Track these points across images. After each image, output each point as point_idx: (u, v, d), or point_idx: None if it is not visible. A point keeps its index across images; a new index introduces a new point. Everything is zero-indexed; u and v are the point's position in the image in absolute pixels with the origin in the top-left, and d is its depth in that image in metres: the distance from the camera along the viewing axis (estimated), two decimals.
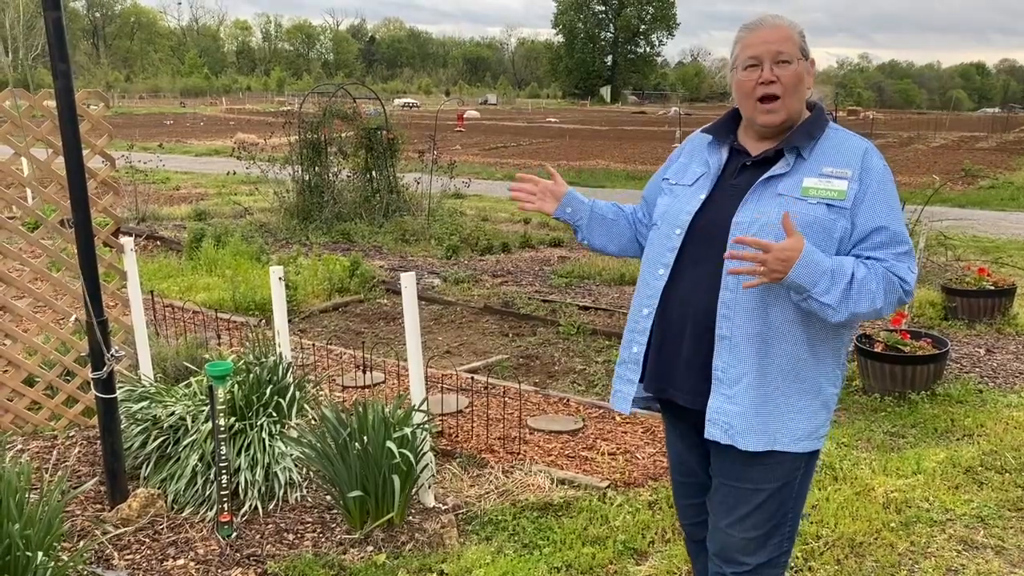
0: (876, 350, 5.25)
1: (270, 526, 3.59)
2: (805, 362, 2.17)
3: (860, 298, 2.05)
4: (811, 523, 3.63)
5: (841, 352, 2.25)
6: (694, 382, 2.25)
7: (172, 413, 3.88)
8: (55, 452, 4.25)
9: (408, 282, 3.60)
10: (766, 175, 2.16)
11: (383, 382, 5.38)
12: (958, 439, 4.63)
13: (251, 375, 3.99)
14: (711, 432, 2.22)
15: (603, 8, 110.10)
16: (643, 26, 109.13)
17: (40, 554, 2.82)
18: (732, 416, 2.18)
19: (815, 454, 2.30)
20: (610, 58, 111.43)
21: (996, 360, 6.07)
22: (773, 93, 2.14)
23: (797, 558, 3.36)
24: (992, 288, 6.94)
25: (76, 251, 3.43)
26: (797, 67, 2.14)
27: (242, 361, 4.13)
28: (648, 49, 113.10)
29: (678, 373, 2.28)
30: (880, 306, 2.08)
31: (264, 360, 4.12)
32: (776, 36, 2.15)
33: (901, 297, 2.11)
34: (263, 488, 3.69)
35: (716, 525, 2.35)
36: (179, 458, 3.75)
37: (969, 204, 15.72)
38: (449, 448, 4.36)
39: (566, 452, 4.41)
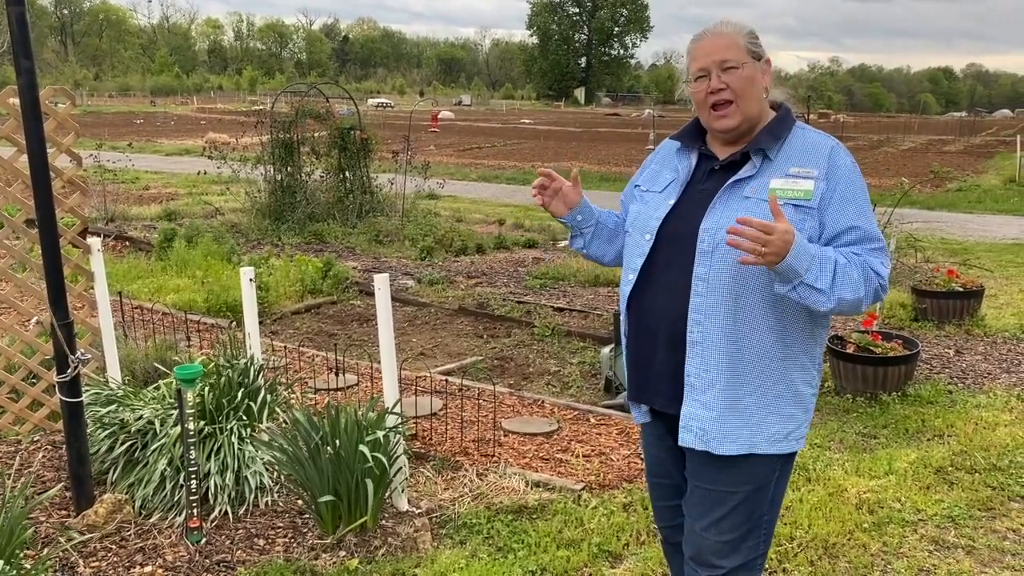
0: (848, 351, 5.28)
1: (240, 531, 3.54)
2: (778, 364, 2.17)
3: (845, 285, 2.03)
4: (784, 524, 3.64)
5: (816, 352, 2.25)
6: (669, 387, 2.25)
7: (140, 417, 3.81)
8: (19, 457, 4.16)
9: (382, 283, 3.56)
10: (733, 178, 2.17)
11: (356, 384, 5.33)
12: (929, 439, 4.67)
13: (221, 378, 3.93)
14: (685, 439, 2.22)
15: (577, 10, 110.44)
16: (617, 28, 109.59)
17: (1, 562, 2.75)
18: (706, 421, 2.18)
19: (791, 456, 2.30)
20: (584, 60, 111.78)
21: (965, 361, 6.14)
22: (724, 99, 2.15)
23: (771, 559, 3.37)
24: (961, 290, 7.03)
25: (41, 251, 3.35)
26: (744, 71, 2.15)
27: (212, 364, 4.06)
28: (622, 51, 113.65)
29: (653, 378, 2.29)
30: (862, 295, 2.06)
31: (235, 363, 4.06)
32: (720, 44, 2.16)
33: (877, 290, 2.10)
34: (233, 493, 3.63)
35: (691, 528, 2.35)
36: (147, 463, 3.68)
37: (937, 206, 15.95)
38: (423, 451, 4.33)
39: (540, 454, 4.39)
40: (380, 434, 3.49)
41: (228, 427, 3.75)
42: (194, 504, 3.43)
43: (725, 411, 2.16)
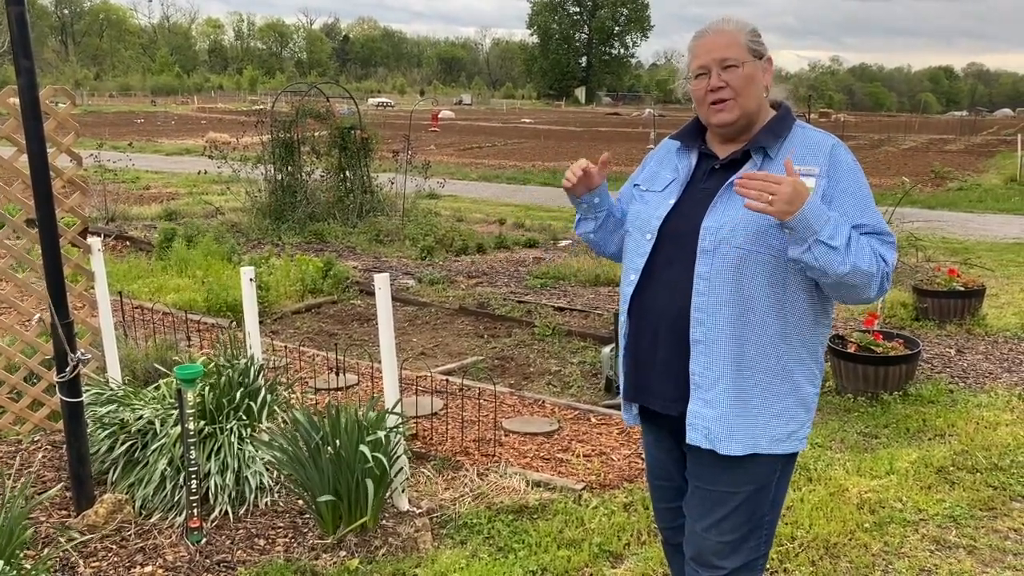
0: (849, 351, 5.28)
1: (241, 531, 3.53)
2: (782, 362, 2.16)
3: (859, 253, 2.01)
4: (786, 524, 3.63)
5: (818, 351, 2.24)
6: (669, 387, 2.24)
7: (140, 417, 3.80)
8: (19, 457, 4.16)
9: (382, 283, 3.56)
10: (734, 177, 2.15)
11: (357, 384, 5.32)
12: (930, 439, 4.66)
13: (222, 378, 3.93)
14: (692, 437, 2.20)
15: (578, 9, 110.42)
16: (617, 28, 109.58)
17: (1, 562, 2.75)
18: (711, 420, 2.17)
19: (793, 456, 2.29)
20: (585, 59, 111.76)
21: (966, 360, 6.13)
22: (723, 98, 2.15)
23: (772, 559, 3.36)
24: (962, 289, 7.02)
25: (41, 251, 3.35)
26: (745, 69, 2.14)
27: (212, 364, 4.06)
28: (622, 51, 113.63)
29: (653, 378, 2.27)
30: (874, 271, 2.04)
31: (235, 362, 4.05)
32: (721, 42, 2.16)
33: (884, 279, 2.08)
34: (233, 493, 3.63)
35: (692, 529, 2.34)
36: (147, 463, 3.68)
37: (938, 206, 15.93)
38: (424, 451, 4.32)
39: (541, 454, 4.39)
40: (380, 434, 3.48)
41: (228, 427, 3.75)
42: (194, 504, 3.42)
43: (730, 410, 2.15)
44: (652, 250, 2.23)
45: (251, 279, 4.14)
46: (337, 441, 3.41)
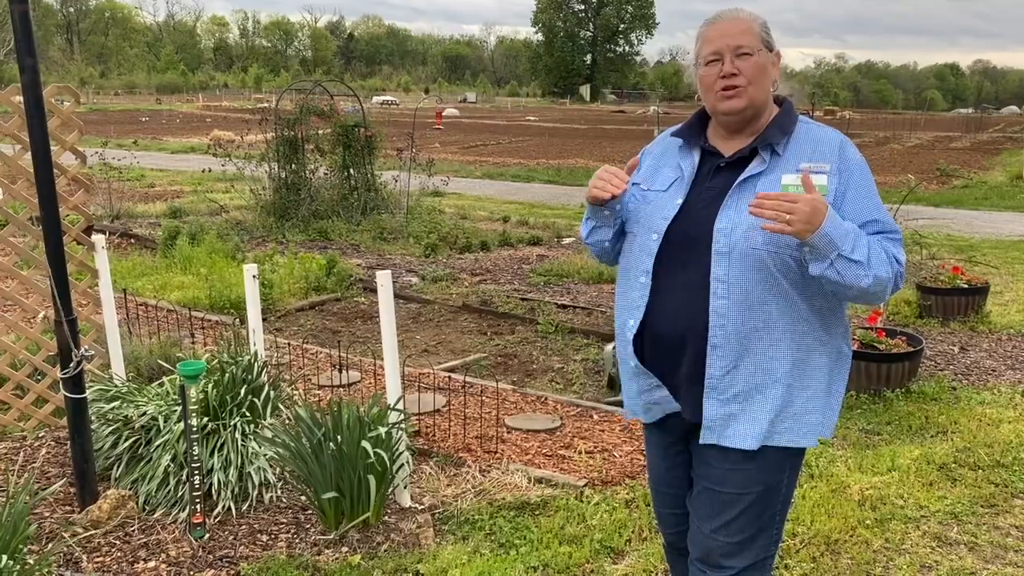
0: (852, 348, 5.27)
1: (243, 527, 3.55)
2: (811, 352, 2.13)
3: (879, 261, 2.00)
4: (786, 521, 3.63)
5: (841, 340, 2.22)
6: (696, 393, 2.16)
7: (144, 413, 3.82)
8: (23, 453, 4.18)
9: (384, 280, 3.57)
10: (743, 176, 2.10)
11: (360, 381, 5.34)
12: (932, 436, 4.66)
13: (225, 374, 3.94)
14: (707, 437, 2.15)
15: (582, 7, 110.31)
16: (622, 25, 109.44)
17: (5, 557, 2.77)
18: (733, 420, 2.13)
19: (801, 453, 2.27)
20: (589, 57, 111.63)
21: (970, 358, 6.12)
22: (734, 84, 2.09)
23: None
24: (966, 286, 7.01)
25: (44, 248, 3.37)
26: (759, 58, 2.10)
27: (216, 360, 4.07)
28: (627, 48, 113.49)
29: (677, 386, 2.19)
30: (891, 275, 2.03)
31: (238, 359, 4.07)
32: (735, 29, 2.11)
33: (897, 277, 2.07)
34: (236, 489, 3.65)
35: (699, 530, 2.27)
36: (151, 459, 3.70)
37: (943, 203, 15.87)
38: (426, 447, 4.34)
39: (543, 451, 4.40)
40: (382, 430, 3.50)
41: (231, 423, 3.76)
42: (197, 500, 3.44)
43: (765, 407, 2.12)
44: (659, 250, 2.16)
45: (254, 276, 4.15)
46: (339, 437, 3.43)
